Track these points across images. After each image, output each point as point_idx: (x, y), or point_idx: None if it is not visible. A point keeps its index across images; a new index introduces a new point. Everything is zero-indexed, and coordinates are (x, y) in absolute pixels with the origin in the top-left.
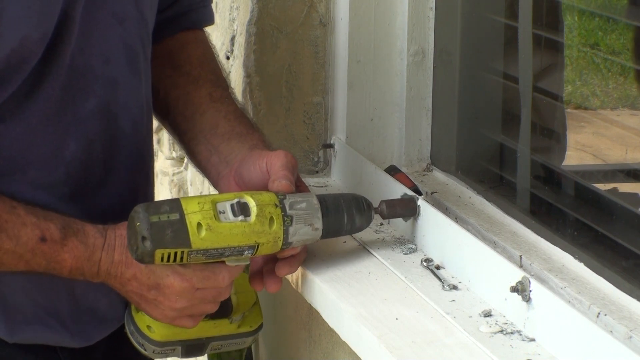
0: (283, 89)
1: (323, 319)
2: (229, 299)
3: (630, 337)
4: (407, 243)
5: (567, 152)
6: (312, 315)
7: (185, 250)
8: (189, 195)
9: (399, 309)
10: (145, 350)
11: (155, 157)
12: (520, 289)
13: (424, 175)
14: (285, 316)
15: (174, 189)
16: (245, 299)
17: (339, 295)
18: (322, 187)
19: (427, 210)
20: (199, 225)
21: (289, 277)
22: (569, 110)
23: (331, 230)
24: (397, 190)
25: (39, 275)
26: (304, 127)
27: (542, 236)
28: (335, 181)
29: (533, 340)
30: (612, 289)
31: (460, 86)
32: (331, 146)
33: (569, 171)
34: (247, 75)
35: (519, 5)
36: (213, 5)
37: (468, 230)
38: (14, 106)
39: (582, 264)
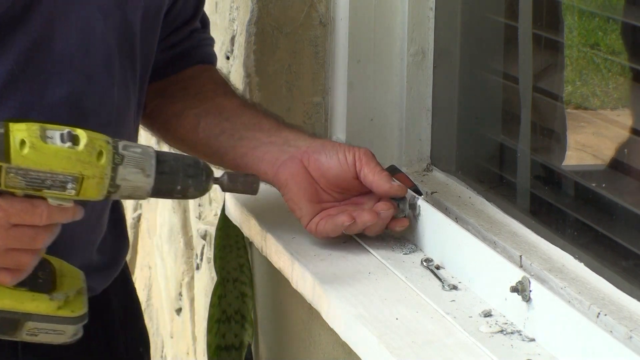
0: (283, 89)
1: (323, 319)
2: (50, 274)
3: (630, 337)
4: (407, 243)
5: (567, 152)
6: (312, 315)
7: (4, 166)
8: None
9: (399, 309)
10: None
11: None
12: (520, 289)
13: (424, 175)
14: (285, 316)
15: None
16: (70, 282)
17: (339, 295)
18: None
19: (427, 210)
20: (22, 142)
21: (288, 276)
22: (569, 110)
23: (164, 184)
24: None
25: None
26: (304, 127)
27: (542, 236)
28: None
29: (533, 340)
30: (612, 289)
31: (460, 86)
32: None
33: (569, 171)
34: (247, 75)
35: (519, 5)
36: (213, 5)
37: (468, 230)
38: None
39: (582, 264)
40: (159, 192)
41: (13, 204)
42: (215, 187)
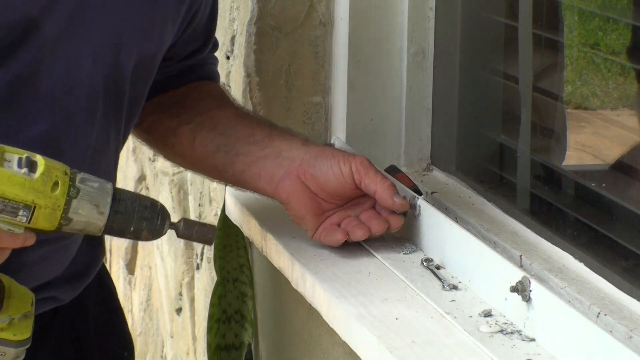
0: (283, 89)
1: (323, 319)
2: None
3: (630, 337)
4: (407, 243)
5: (567, 152)
6: (312, 315)
7: None
8: (189, 196)
9: (399, 309)
10: None
11: (155, 157)
12: (520, 289)
13: (424, 175)
14: (285, 316)
15: (174, 188)
16: (17, 305)
17: (339, 295)
18: None
19: (427, 210)
20: None
21: (288, 276)
22: (569, 110)
23: (117, 223)
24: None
25: None
26: (304, 127)
27: (542, 236)
28: None
29: (533, 340)
30: (612, 289)
31: (460, 86)
32: (331, 146)
33: (569, 171)
34: (247, 75)
35: (519, 5)
36: None
37: (468, 230)
38: None
39: (582, 264)
40: (111, 230)
41: None
42: (216, 187)
